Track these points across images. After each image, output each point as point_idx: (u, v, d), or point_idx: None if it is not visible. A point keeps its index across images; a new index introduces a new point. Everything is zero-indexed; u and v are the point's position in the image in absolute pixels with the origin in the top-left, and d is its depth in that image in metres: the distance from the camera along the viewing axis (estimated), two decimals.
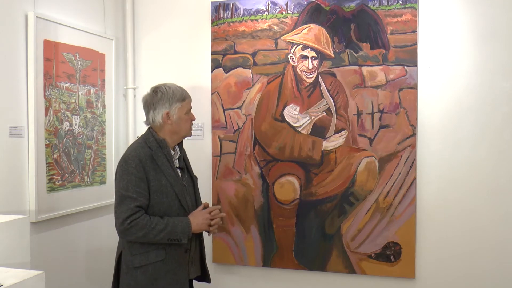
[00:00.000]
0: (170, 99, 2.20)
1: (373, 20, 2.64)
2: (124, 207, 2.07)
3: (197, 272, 2.33)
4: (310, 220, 2.77)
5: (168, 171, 2.16)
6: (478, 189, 2.53)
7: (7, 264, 1.82)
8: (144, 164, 2.11)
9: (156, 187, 2.12)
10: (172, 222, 2.11)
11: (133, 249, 2.14)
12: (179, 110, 2.21)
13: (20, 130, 2.37)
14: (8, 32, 2.32)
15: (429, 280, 2.62)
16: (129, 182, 2.08)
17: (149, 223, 2.06)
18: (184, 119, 2.24)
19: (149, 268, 2.12)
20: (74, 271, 2.75)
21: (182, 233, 2.11)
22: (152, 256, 2.12)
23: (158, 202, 2.13)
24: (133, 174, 2.09)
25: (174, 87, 2.24)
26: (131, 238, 2.10)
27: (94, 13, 2.94)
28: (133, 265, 2.13)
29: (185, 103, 2.23)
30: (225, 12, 2.89)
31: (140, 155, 2.13)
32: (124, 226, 2.06)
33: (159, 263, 2.12)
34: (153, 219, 2.08)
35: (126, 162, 2.12)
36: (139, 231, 2.06)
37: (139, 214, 2.07)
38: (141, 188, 2.09)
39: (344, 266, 2.72)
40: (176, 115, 2.21)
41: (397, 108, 2.61)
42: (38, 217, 2.43)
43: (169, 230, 2.09)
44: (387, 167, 2.63)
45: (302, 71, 2.76)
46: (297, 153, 2.78)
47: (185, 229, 2.12)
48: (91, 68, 2.85)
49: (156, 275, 2.12)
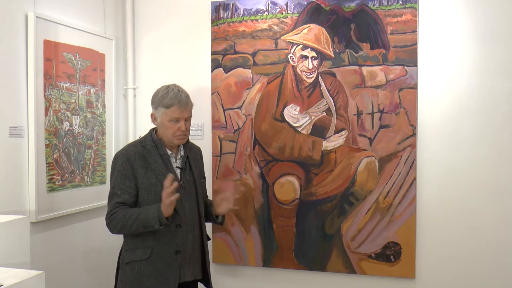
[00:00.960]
0: (156, 102, 2.19)
1: (373, 20, 2.63)
2: (109, 203, 2.16)
3: (195, 275, 2.27)
4: (310, 220, 2.77)
5: (160, 170, 2.16)
6: (478, 189, 2.53)
7: (7, 264, 1.82)
8: (132, 162, 2.15)
9: (145, 185, 2.15)
10: (146, 210, 2.11)
11: (125, 245, 2.22)
12: (162, 115, 2.17)
13: (20, 130, 2.37)
14: (8, 32, 2.32)
15: (429, 280, 2.62)
16: (115, 179, 2.16)
17: (124, 214, 2.11)
18: (166, 125, 2.17)
19: (135, 265, 2.15)
20: (74, 271, 2.75)
21: (153, 219, 2.07)
22: (138, 254, 2.15)
23: (146, 199, 2.15)
24: (119, 171, 2.15)
25: (167, 92, 2.16)
26: (115, 232, 2.17)
27: (94, 13, 2.94)
28: (124, 260, 2.19)
29: (169, 110, 2.14)
30: (225, 12, 2.89)
31: (129, 153, 2.17)
32: (107, 222, 2.16)
33: (145, 262, 2.14)
34: (128, 211, 2.12)
35: (115, 160, 2.20)
36: (117, 224, 2.12)
37: (119, 208, 2.12)
38: (125, 185, 2.14)
39: (344, 266, 2.72)
40: (159, 118, 2.19)
41: (397, 108, 2.61)
42: (38, 217, 2.43)
43: (141, 218, 2.09)
44: (387, 167, 2.63)
45: (302, 71, 2.76)
46: (297, 153, 2.78)
47: (155, 214, 2.06)
48: (91, 68, 2.85)
49: (141, 273, 2.14)
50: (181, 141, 2.22)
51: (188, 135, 2.25)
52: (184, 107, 2.16)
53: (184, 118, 2.18)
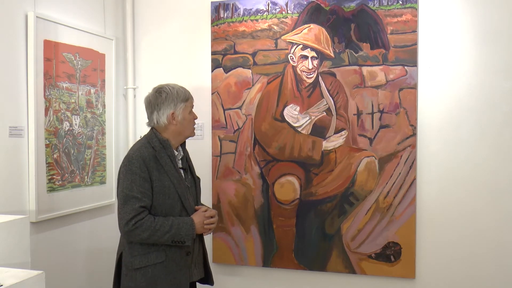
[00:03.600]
0: (175, 100, 2.18)
1: (373, 20, 2.64)
2: (128, 207, 2.04)
3: (200, 274, 2.31)
4: (310, 220, 2.77)
5: (172, 172, 2.14)
6: (478, 189, 2.53)
7: (7, 264, 1.82)
8: (147, 164, 2.09)
9: (159, 188, 2.10)
10: (177, 224, 2.09)
11: (133, 250, 2.12)
12: (183, 110, 2.20)
13: (20, 130, 2.37)
14: (8, 32, 2.32)
15: (429, 280, 2.62)
16: (133, 182, 2.06)
17: (153, 225, 2.05)
18: (188, 119, 2.24)
19: (149, 269, 2.10)
20: (74, 271, 2.75)
21: (186, 235, 2.09)
22: (152, 258, 2.10)
23: (161, 203, 2.11)
24: (137, 174, 2.07)
25: (178, 87, 2.23)
26: (136, 239, 2.08)
27: (94, 13, 2.94)
28: (133, 266, 2.11)
29: (188, 103, 2.23)
30: (225, 12, 2.89)
31: (143, 155, 2.11)
32: (128, 227, 2.04)
33: (159, 265, 2.10)
34: (158, 220, 2.07)
35: (130, 162, 2.09)
36: (144, 232, 2.04)
37: (144, 214, 2.06)
38: (145, 188, 2.07)
39: (344, 266, 2.72)
40: (181, 115, 2.20)
41: (397, 108, 2.61)
42: (38, 217, 2.43)
43: (173, 232, 2.07)
44: (387, 167, 2.63)
45: (302, 71, 2.76)
46: (297, 153, 2.78)
47: (189, 231, 2.11)
48: (91, 68, 2.85)
49: (155, 277, 2.10)
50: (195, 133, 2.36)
51: None
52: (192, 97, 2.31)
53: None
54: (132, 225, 2.03)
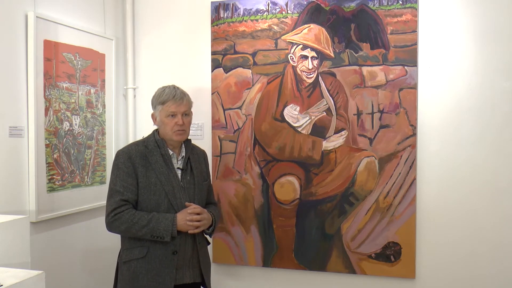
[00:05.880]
0: (154, 101, 2.26)
1: (373, 20, 2.63)
2: (111, 200, 2.14)
3: (195, 278, 2.26)
4: (310, 220, 2.76)
5: (161, 170, 2.18)
6: (478, 189, 2.53)
7: (7, 264, 1.82)
8: (133, 160, 2.16)
9: (145, 184, 2.15)
10: (156, 218, 2.11)
11: (123, 244, 2.23)
12: (160, 112, 2.22)
13: (20, 130, 2.37)
14: (8, 32, 2.32)
15: (429, 280, 2.62)
16: (117, 176, 2.16)
17: (132, 218, 2.10)
18: (165, 122, 2.21)
19: (132, 264, 2.15)
20: (74, 271, 2.75)
21: (165, 230, 2.09)
22: (135, 253, 2.15)
23: (145, 198, 2.16)
24: (121, 169, 2.16)
25: (168, 89, 2.24)
26: (115, 232, 2.17)
27: (94, 13, 2.94)
28: (121, 259, 2.21)
29: (165, 106, 2.20)
30: (225, 12, 2.89)
31: (130, 151, 2.19)
32: (108, 219, 2.14)
33: (140, 260, 2.14)
34: (137, 214, 2.11)
35: (116, 157, 2.21)
36: (121, 225, 2.11)
37: (124, 208, 2.11)
38: (128, 183, 2.14)
39: (344, 266, 2.72)
40: (158, 117, 2.24)
41: (397, 108, 2.61)
42: (38, 217, 2.43)
43: (152, 227, 2.09)
44: (387, 167, 2.63)
45: (302, 71, 2.76)
46: (297, 153, 2.78)
47: (168, 227, 2.10)
48: (91, 68, 2.85)
49: (137, 272, 2.14)
50: (180, 137, 2.23)
51: (187, 131, 2.27)
52: (180, 102, 2.20)
53: (181, 113, 2.21)
54: (112, 217, 2.12)
